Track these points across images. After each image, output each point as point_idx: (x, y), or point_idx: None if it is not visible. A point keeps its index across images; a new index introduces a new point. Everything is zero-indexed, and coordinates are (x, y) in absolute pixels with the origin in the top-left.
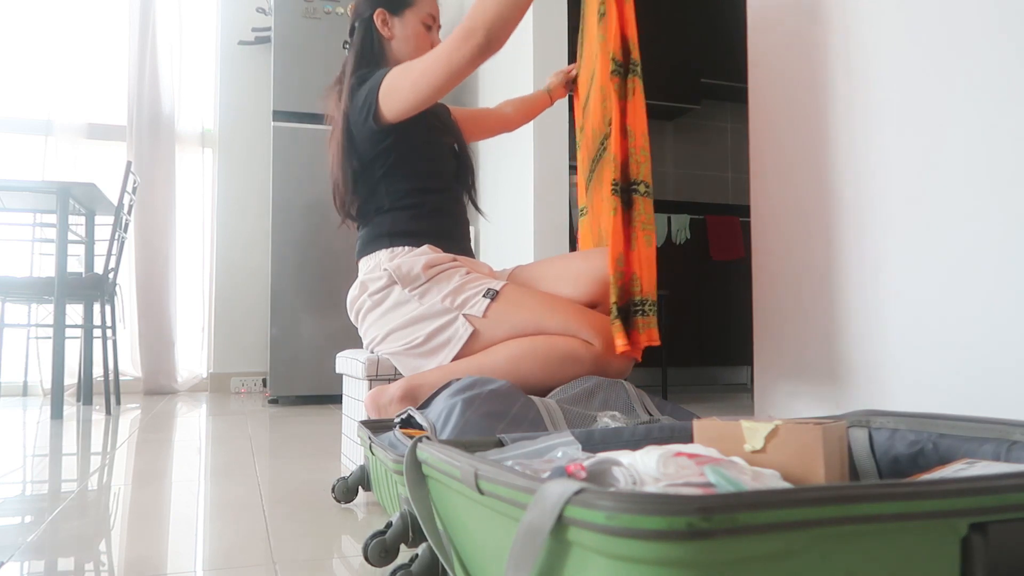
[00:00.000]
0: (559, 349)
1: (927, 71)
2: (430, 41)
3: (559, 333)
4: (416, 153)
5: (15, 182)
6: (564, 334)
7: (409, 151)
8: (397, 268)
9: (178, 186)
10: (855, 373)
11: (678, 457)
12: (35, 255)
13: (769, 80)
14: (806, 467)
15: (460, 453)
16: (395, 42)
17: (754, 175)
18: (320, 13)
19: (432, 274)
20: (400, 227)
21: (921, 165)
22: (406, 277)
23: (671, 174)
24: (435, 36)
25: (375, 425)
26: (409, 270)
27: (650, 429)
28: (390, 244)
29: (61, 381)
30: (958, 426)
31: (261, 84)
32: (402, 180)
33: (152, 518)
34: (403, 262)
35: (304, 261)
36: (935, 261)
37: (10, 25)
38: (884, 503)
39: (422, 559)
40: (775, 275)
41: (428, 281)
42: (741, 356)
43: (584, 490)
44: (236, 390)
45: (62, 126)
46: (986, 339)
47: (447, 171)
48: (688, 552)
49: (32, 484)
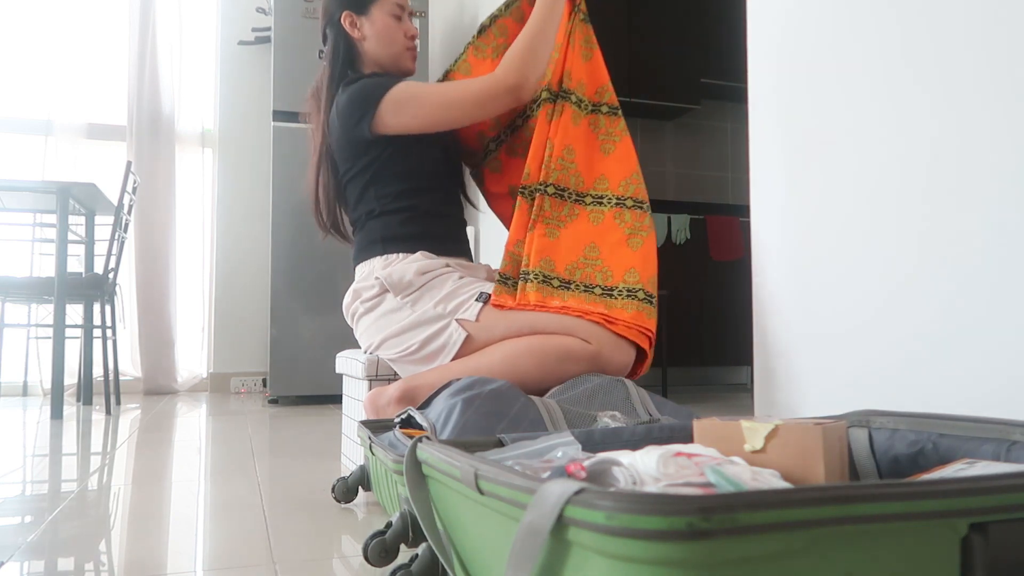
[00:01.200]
0: (555, 347)
1: (927, 71)
2: (403, 31)
3: (554, 332)
4: (405, 154)
5: (15, 182)
6: (559, 333)
7: (397, 153)
8: (388, 276)
9: (178, 186)
10: (855, 373)
11: (678, 457)
12: (35, 255)
13: (769, 80)
14: (806, 467)
15: (460, 453)
16: (367, 43)
17: (754, 175)
18: (320, 13)
19: (424, 281)
20: (393, 232)
21: (925, 162)
22: (398, 285)
23: (671, 174)
24: (407, 24)
25: (375, 425)
26: (401, 277)
27: (650, 429)
28: (383, 251)
29: (61, 381)
30: (958, 426)
31: (261, 84)
32: (392, 182)
33: (152, 518)
34: (395, 270)
35: (304, 261)
36: (935, 261)
37: (10, 25)
38: (884, 503)
39: (422, 559)
40: (775, 275)
41: (420, 288)
42: (741, 356)
43: (584, 490)
44: (236, 390)
45: (62, 126)
46: (987, 339)
47: (440, 171)
48: (688, 552)
49: (32, 484)
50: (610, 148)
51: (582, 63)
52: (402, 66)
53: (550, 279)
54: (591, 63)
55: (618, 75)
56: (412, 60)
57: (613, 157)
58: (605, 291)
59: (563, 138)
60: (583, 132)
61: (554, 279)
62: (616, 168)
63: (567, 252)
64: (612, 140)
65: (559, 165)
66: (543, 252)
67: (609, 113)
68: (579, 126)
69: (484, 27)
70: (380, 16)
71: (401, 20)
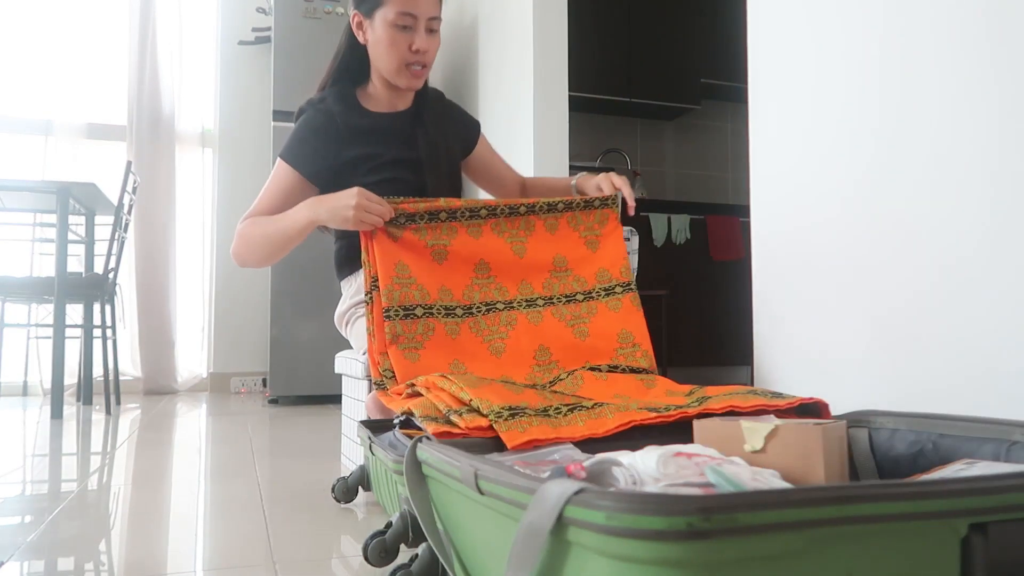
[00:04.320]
0: None
1: (928, 70)
2: (408, 43)
3: None
4: (342, 185)
5: (15, 182)
6: None
7: (331, 186)
8: None
9: (178, 186)
10: (855, 373)
11: (678, 457)
12: (35, 255)
13: (769, 80)
14: (806, 467)
15: (460, 453)
16: (370, 48)
17: (754, 175)
18: (320, 13)
19: None
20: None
21: (924, 162)
22: None
23: (671, 174)
24: (416, 37)
25: (375, 425)
26: None
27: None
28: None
29: (61, 381)
30: (958, 426)
31: (261, 84)
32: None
33: (152, 518)
34: None
35: (304, 261)
36: (936, 260)
37: (10, 25)
38: (884, 503)
39: (422, 559)
40: (775, 275)
41: None
42: (741, 356)
43: (584, 490)
44: (236, 390)
45: (62, 126)
46: (987, 339)
47: (400, 191)
48: (688, 552)
49: (32, 484)
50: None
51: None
52: (398, 82)
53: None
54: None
55: (618, 75)
56: (413, 78)
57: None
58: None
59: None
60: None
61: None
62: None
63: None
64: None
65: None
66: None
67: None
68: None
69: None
70: (381, 23)
71: (408, 30)
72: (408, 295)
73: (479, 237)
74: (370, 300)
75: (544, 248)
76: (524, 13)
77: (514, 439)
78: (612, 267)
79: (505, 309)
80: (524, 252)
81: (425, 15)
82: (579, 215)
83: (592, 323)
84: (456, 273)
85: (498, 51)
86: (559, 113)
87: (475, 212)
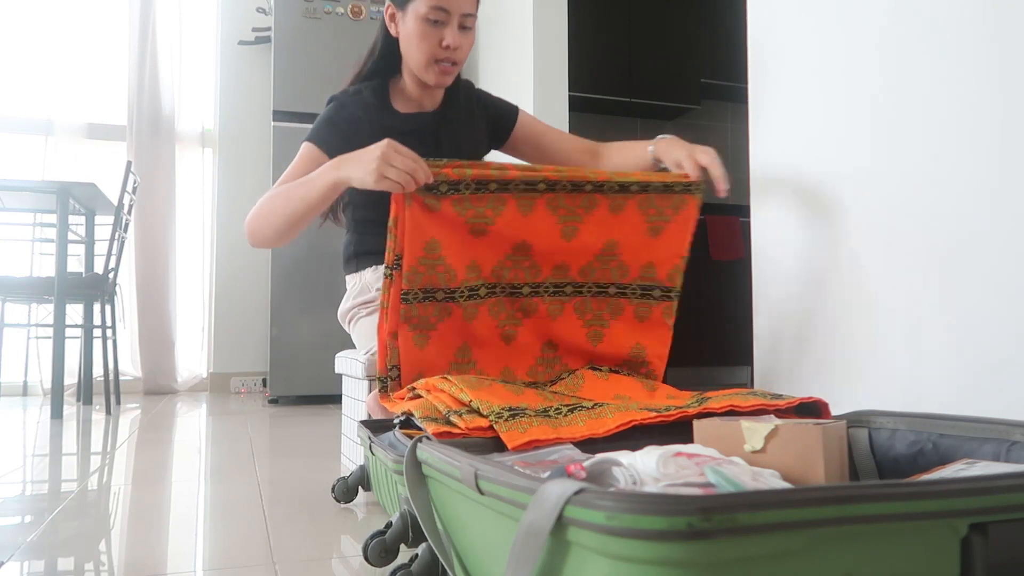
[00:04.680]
0: None
1: (928, 70)
2: (439, 38)
3: None
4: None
5: (15, 182)
6: None
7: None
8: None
9: (178, 186)
10: (855, 373)
11: (678, 457)
12: (35, 255)
13: (769, 80)
14: (806, 467)
15: (460, 453)
16: (401, 41)
17: (754, 175)
18: (320, 13)
19: None
20: (381, 246)
21: (924, 163)
22: None
23: None
24: (448, 33)
25: (375, 425)
26: None
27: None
28: (374, 263)
29: (61, 381)
30: (958, 426)
31: (261, 84)
32: (364, 198)
33: (152, 518)
34: None
35: (304, 261)
36: (936, 261)
37: (10, 25)
38: (884, 503)
39: (422, 559)
40: (775, 275)
41: None
42: (741, 356)
43: (584, 490)
44: (236, 390)
45: (62, 126)
46: (986, 339)
47: None
48: (688, 552)
49: (32, 484)
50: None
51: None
52: (427, 78)
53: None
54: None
55: (618, 75)
56: (441, 75)
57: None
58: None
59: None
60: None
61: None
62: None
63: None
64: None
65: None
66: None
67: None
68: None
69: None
70: (413, 16)
71: (440, 25)
72: (432, 278)
73: (528, 214)
74: (390, 276)
75: (599, 231)
76: (524, 13)
77: (514, 439)
78: (662, 265)
79: (530, 295)
80: (575, 234)
81: (459, 11)
82: (653, 198)
83: (610, 329)
84: (490, 250)
85: (498, 51)
86: (559, 113)
87: (532, 185)
